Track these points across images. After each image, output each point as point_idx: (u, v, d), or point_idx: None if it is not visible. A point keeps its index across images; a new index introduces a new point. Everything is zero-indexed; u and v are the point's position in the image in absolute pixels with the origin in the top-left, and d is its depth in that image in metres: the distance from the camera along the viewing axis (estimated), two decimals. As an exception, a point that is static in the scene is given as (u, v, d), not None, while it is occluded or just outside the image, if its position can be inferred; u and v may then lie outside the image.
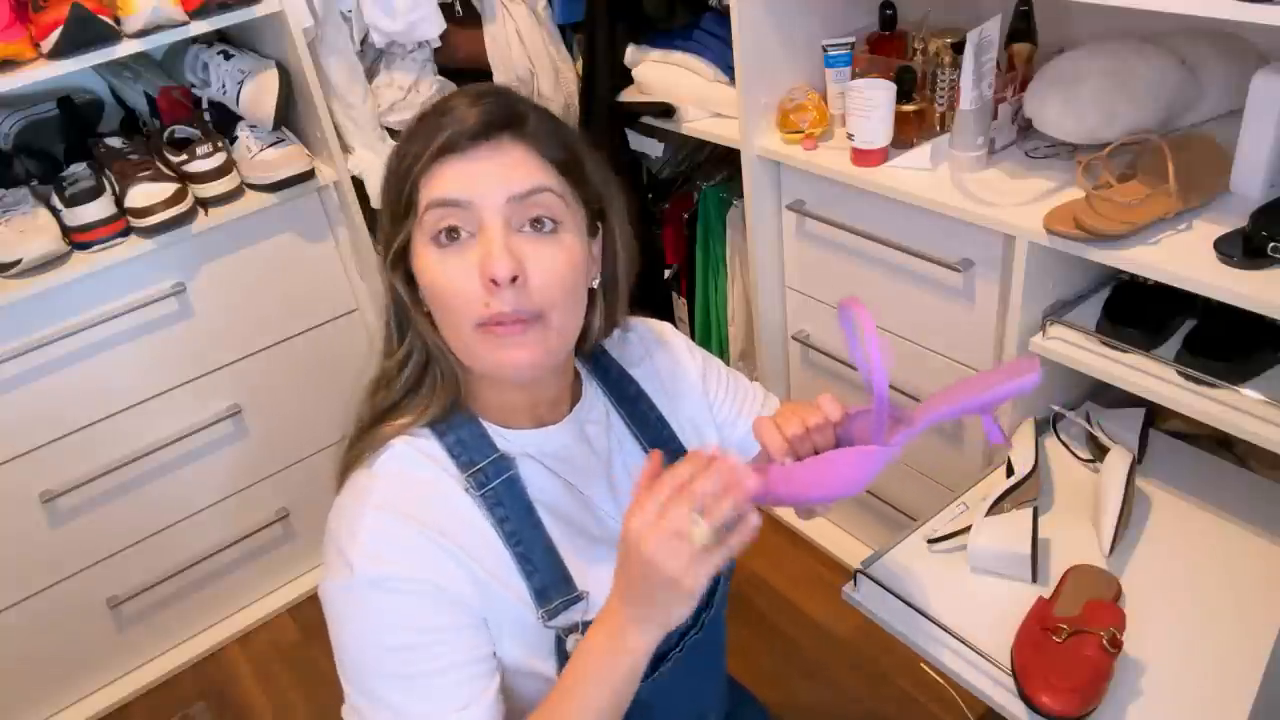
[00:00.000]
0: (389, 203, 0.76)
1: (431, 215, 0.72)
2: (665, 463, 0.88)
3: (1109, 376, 1.22)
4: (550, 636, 0.78)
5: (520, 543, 0.77)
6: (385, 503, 0.75)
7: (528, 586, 0.77)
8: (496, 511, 0.77)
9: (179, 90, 1.81)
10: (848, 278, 1.60)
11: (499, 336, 0.72)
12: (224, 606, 1.99)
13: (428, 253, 0.73)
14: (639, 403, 0.90)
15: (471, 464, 0.78)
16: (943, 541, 1.25)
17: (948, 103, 1.44)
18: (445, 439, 0.78)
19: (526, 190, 0.72)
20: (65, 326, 1.58)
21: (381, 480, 0.76)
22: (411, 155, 0.73)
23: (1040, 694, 0.98)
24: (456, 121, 0.72)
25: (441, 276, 0.72)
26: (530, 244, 0.72)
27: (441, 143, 0.71)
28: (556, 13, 1.97)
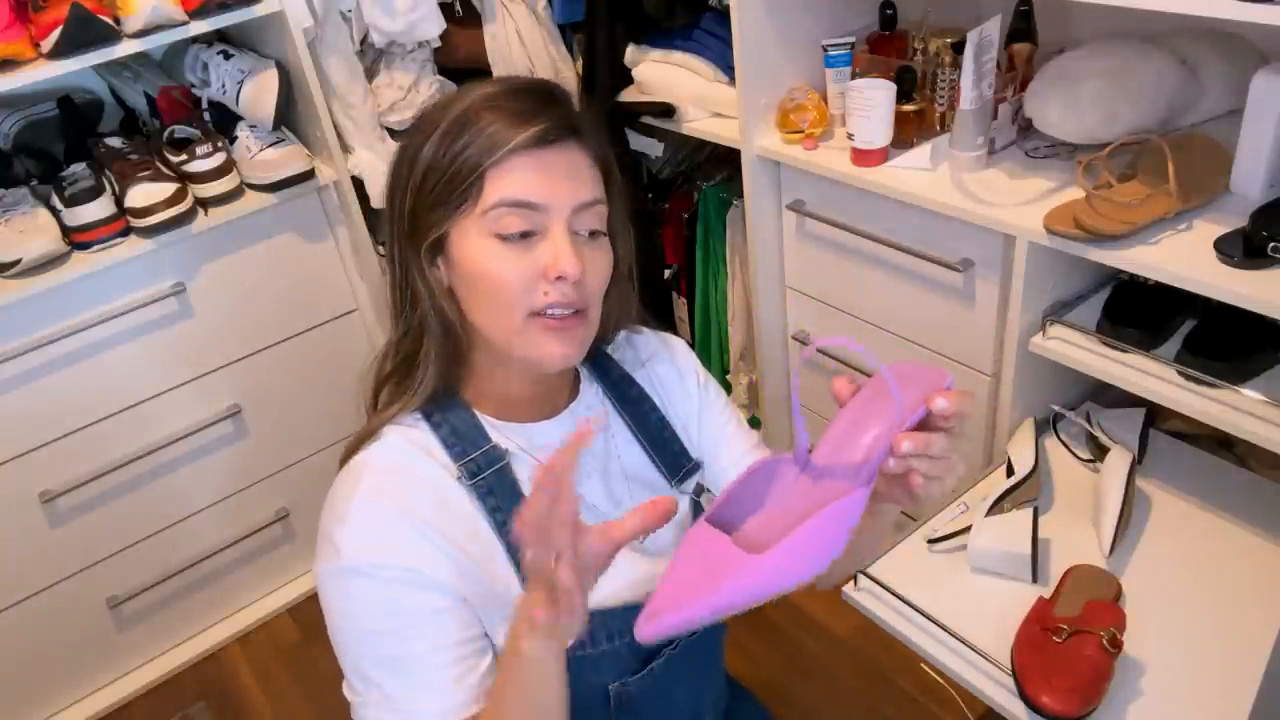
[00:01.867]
0: (434, 187, 0.75)
1: (501, 212, 0.74)
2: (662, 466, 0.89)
3: (1109, 376, 1.22)
4: None
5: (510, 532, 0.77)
6: (373, 491, 0.76)
7: (518, 576, 0.78)
8: (488, 501, 0.78)
9: (179, 90, 1.81)
10: (848, 278, 1.60)
11: (551, 328, 0.76)
12: (224, 606, 1.99)
13: (487, 244, 0.74)
14: (641, 404, 0.91)
15: (464, 454, 0.79)
16: (943, 541, 1.25)
17: (948, 103, 1.44)
18: (440, 430, 0.80)
19: (590, 200, 0.77)
20: (65, 326, 1.58)
21: (371, 469, 0.78)
22: (478, 145, 0.73)
23: (1040, 694, 0.98)
24: (533, 120, 0.74)
25: (503, 269, 0.74)
26: (585, 249, 0.77)
27: (519, 142, 0.73)
28: (556, 13, 1.97)
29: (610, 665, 0.82)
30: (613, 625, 0.81)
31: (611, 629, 0.81)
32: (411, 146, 0.77)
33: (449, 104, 0.77)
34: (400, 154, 0.78)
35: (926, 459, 0.65)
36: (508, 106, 0.74)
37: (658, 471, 0.91)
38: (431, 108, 0.79)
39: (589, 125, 0.79)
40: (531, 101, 0.75)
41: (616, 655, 0.82)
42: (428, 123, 0.77)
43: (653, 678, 0.85)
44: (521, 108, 0.74)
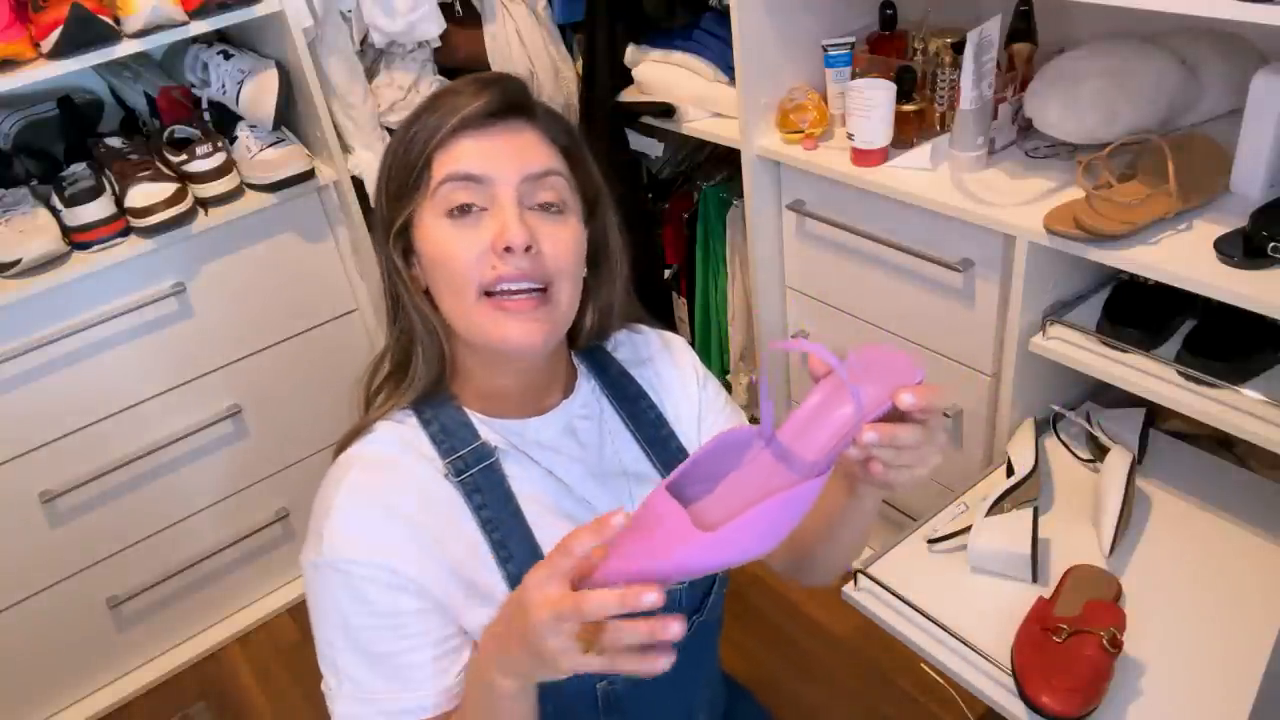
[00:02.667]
0: (393, 179, 0.77)
1: (446, 189, 0.74)
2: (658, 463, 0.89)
3: (1109, 376, 1.22)
4: None
5: (497, 530, 0.78)
6: (359, 485, 0.76)
7: (503, 573, 0.78)
8: (474, 499, 0.78)
9: (179, 90, 1.81)
10: (848, 278, 1.60)
11: (506, 311, 0.74)
12: (224, 606, 1.99)
13: (438, 225, 0.75)
14: (638, 401, 0.91)
15: (452, 451, 0.79)
16: (943, 541, 1.25)
17: (948, 103, 1.44)
18: (430, 427, 0.80)
19: (540, 171, 0.76)
20: (65, 326, 1.58)
21: (360, 463, 0.78)
22: (425, 131, 0.75)
23: (1040, 694, 0.98)
24: (470, 100, 0.75)
25: (451, 245, 0.74)
26: (539, 221, 0.76)
27: (457, 120, 0.74)
28: (556, 13, 1.97)
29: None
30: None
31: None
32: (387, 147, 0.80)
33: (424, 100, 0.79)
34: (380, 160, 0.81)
35: (892, 449, 0.64)
36: (455, 93, 0.76)
37: (654, 469, 0.90)
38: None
39: (543, 108, 0.79)
40: (475, 86, 0.76)
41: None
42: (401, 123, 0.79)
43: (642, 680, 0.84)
44: (465, 93, 0.76)
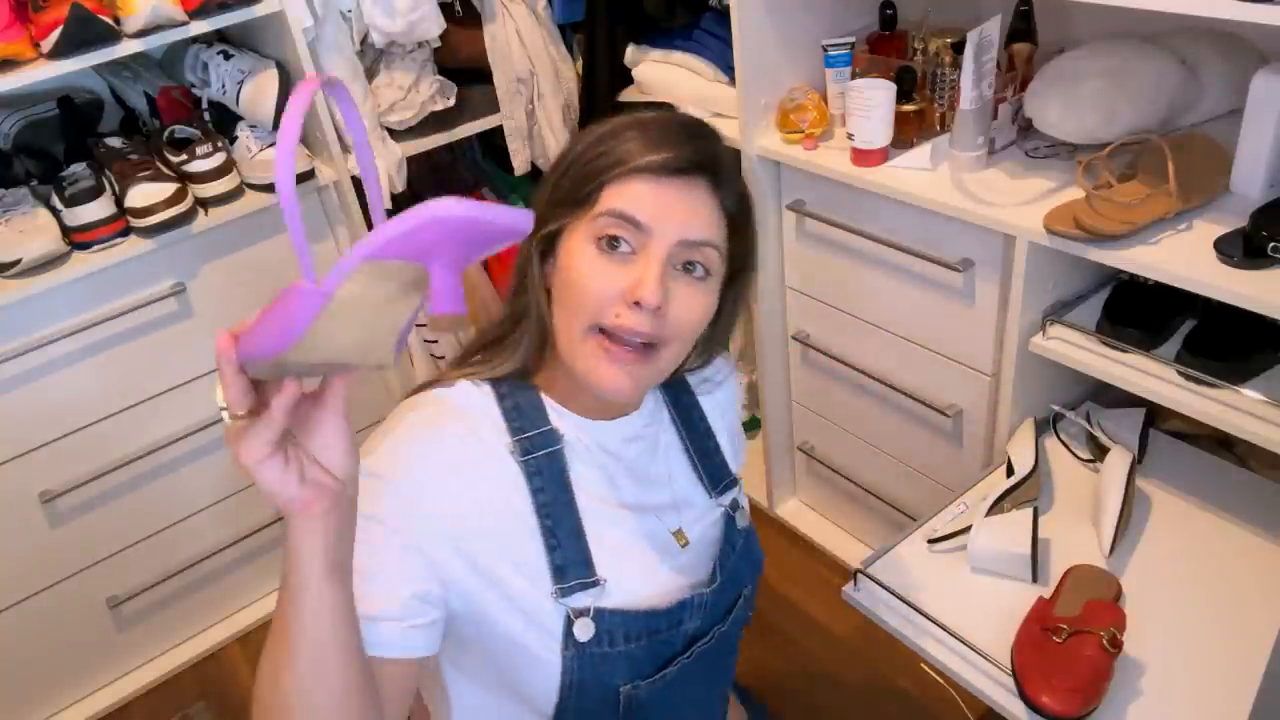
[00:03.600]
0: (561, 186, 0.79)
1: (605, 221, 0.75)
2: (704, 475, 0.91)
3: (1109, 376, 1.22)
4: (560, 616, 0.78)
5: (550, 516, 0.79)
6: (426, 420, 0.78)
7: (548, 560, 0.78)
8: (534, 481, 0.79)
9: (179, 90, 1.81)
10: (848, 278, 1.60)
11: (608, 351, 0.75)
12: (224, 606, 1.99)
13: (585, 249, 0.76)
14: (699, 425, 0.93)
15: (521, 430, 0.80)
16: (943, 541, 1.25)
17: (948, 103, 1.44)
18: (504, 402, 0.81)
19: (698, 240, 0.76)
20: (65, 326, 1.58)
21: (438, 402, 0.79)
22: (609, 158, 0.76)
23: (1040, 694, 0.98)
24: (665, 148, 0.75)
25: (588, 274, 0.75)
26: (679, 284, 0.76)
27: (643, 164, 0.74)
28: (556, 13, 1.97)
29: (625, 667, 0.82)
30: (632, 627, 0.81)
31: (630, 631, 0.81)
32: (569, 146, 0.81)
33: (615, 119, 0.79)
34: (564, 148, 0.82)
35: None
36: (650, 131, 0.76)
37: (699, 481, 0.92)
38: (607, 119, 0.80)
39: (729, 172, 0.79)
40: (674, 133, 0.76)
41: (632, 657, 0.82)
42: (593, 129, 0.80)
43: (664, 683, 0.85)
44: (661, 136, 0.76)
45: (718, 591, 0.88)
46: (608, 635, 0.80)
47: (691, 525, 0.90)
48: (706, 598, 0.87)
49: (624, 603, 0.81)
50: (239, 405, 0.54)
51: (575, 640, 0.78)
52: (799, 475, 2.03)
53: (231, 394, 0.54)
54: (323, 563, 0.58)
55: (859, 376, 1.66)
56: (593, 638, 0.79)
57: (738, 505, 0.94)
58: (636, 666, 0.82)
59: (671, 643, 0.85)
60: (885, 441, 1.72)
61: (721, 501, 0.93)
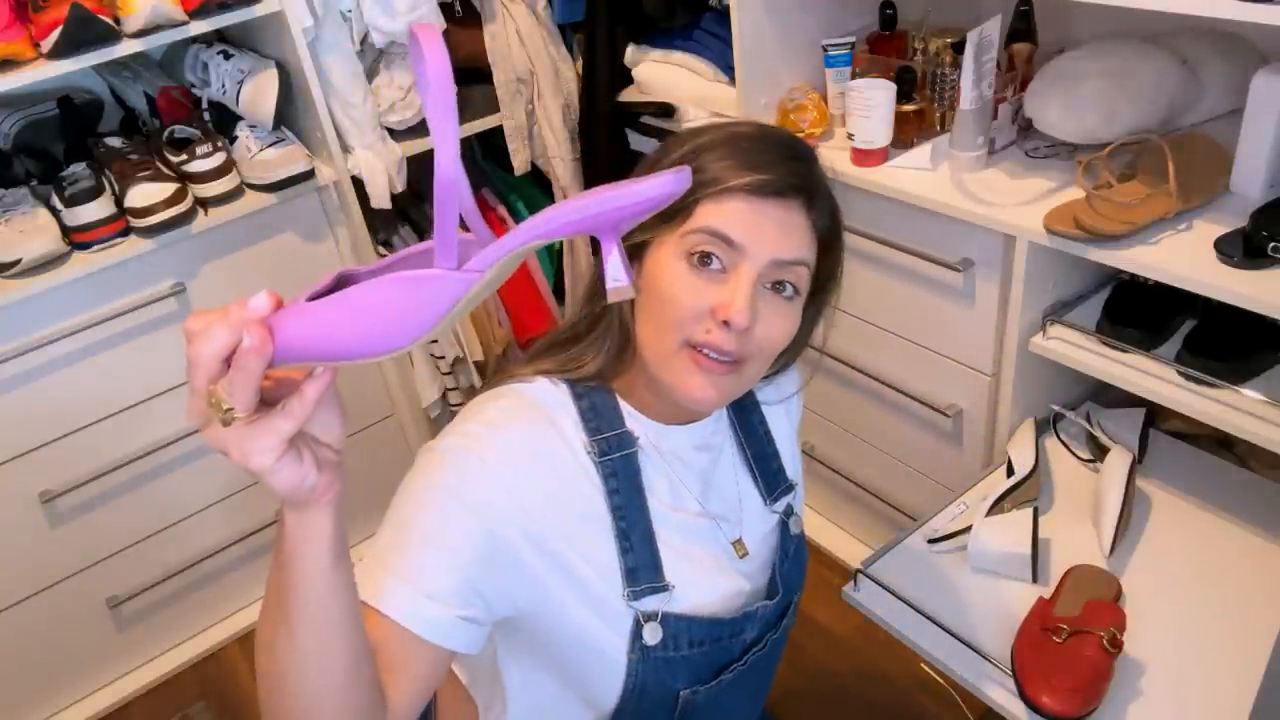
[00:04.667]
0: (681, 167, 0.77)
1: (698, 238, 0.74)
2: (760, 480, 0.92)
3: (1109, 376, 1.22)
4: (629, 617, 0.79)
5: (624, 518, 0.79)
6: (513, 410, 0.78)
7: (620, 562, 0.78)
8: (609, 482, 0.79)
9: (179, 90, 1.81)
10: (847, 277, 1.59)
11: (700, 365, 0.75)
12: (224, 606, 1.99)
13: (676, 263, 0.75)
14: (763, 439, 0.93)
15: (598, 431, 0.80)
16: (943, 541, 1.25)
17: (948, 103, 1.44)
18: (580, 401, 0.81)
19: (792, 259, 0.76)
20: (65, 326, 1.58)
21: (521, 397, 0.79)
22: (705, 173, 0.74)
23: (1040, 694, 0.98)
24: (763, 169, 0.74)
25: (679, 289, 0.74)
26: (768, 303, 0.76)
27: (741, 184, 0.74)
28: (556, 13, 1.97)
29: (686, 672, 0.83)
30: (696, 633, 0.82)
31: (695, 636, 0.82)
32: (660, 153, 0.79)
33: (708, 130, 0.78)
34: (655, 153, 0.80)
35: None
36: (747, 149, 0.75)
37: (755, 487, 0.92)
38: (699, 127, 0.79)
39: (823, 192, 0.79)
40: (772, 153, 0.76)
41: (693, 663, 0.83)
42: (685, 137, 0.78)
43: (720, 688, 0.86)
44: (758, 156, 0.75)
45: (776, 603, 0.90)
46: (673, 640, 0.81)
47: (750, 533, 0.91)
48: (767, 609, 0.88)
49: (689, 609, 0.82)
50: (248, 406, 0.48)
51: (643, 643, 0.79)
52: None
53: (246, 395, 0.47)
54: (332, 549, 0.55)
55: (859, 376, 1.66)
56: (659, 642, 0.80)
57: (792, 512, 0.94)
58: (696, 672, 0.84)
59: (730, 650, 0.86)
60: (885, 442, 1.72)
61: (776, 509, 0.93)
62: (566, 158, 2.02)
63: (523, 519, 0.73)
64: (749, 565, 0.90)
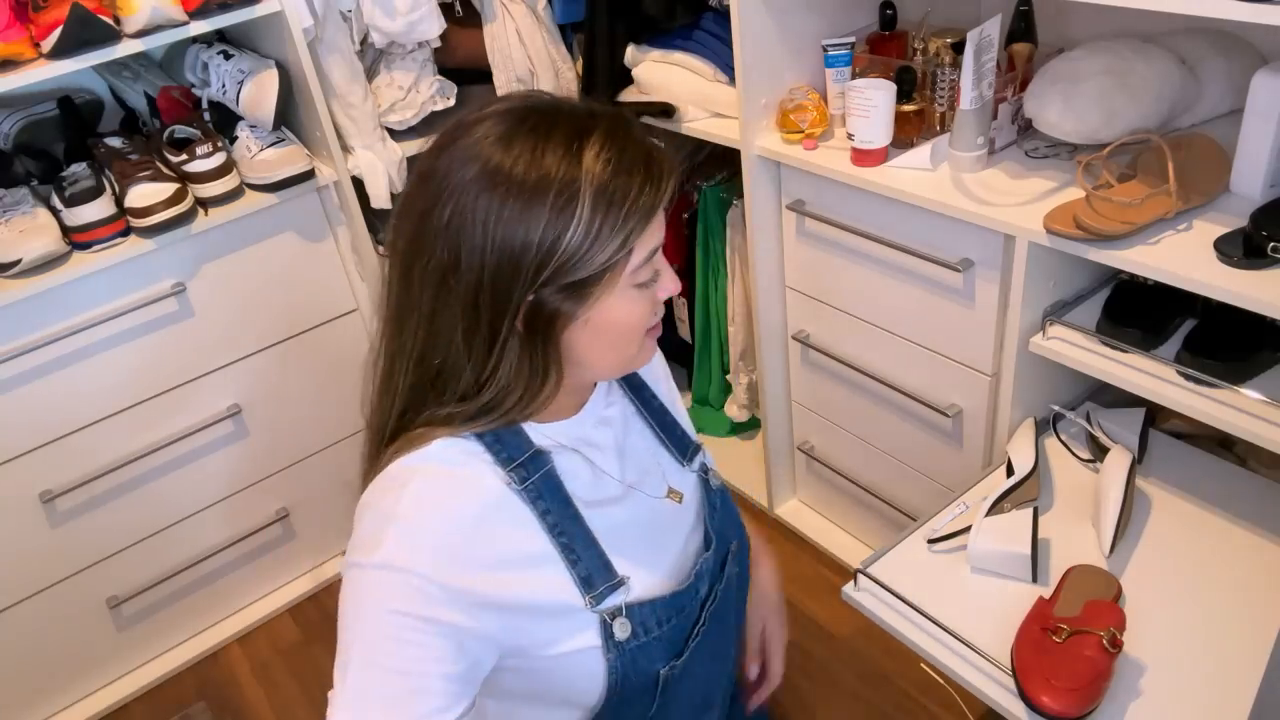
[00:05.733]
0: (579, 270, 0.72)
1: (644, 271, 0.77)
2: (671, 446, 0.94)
3: (1109, 376, 1.22)
4: (597, 622, 0.80)
5: (563, 534, 0.79)
6: (423, 497, 0.75)
7: (572, 575, 0.79)
8: (539, 505, 0.79)
9: (179, 90, 1.81)
10: (848, 278, 1.60)
11: (652, 334, 0.83)
12: (224, 606, 1.99)
13: (627, 294, 0.76)
14: (643, 390, 0.96)
15: (511, 460, 0.79)
16: (943, 541, 1.25)
17: (948, 103, 1.44)
18: (483, 437, 0.79)
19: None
20: (65, 326, 1.58)
21: (422, 474, 0.77)
22: (632, 218, 0.73)
23: (1040, 694, 0.99)
24: (661, 179, 0.75)
25: (639, 310, 0.78)
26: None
27: (657, 201, 0.75)
28: (556, 13, 1.97)
29: (662, 650, 0.84)
30: (662, 612, 0.84)
31: (661, 615, 0.84)
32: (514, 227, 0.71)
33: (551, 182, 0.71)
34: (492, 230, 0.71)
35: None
36: (656, 168, 0.75)
37: (669, 453, 0.94)
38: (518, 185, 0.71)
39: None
40: (669, 166, 0.76)
41: (665, 640, 0.84)
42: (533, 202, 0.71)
43: (690, 655, 0.87)
44: (649, 169, 0.75)
45: (714, 553, 0.92)
46: (642, 627, 0.82)
47: (678, 486, 0.93)
48: (708, 560, 0.90)
49: (646, 592, 0.84)
50: None
51: (615, 641, 0.80)
52: (799, 475, 2.03)
53: None
54: None
55: (859, 376, 1.66)
56: (630, 634, 0.81)
57: (707, 469, 0.97)
58: (671, 646, 0.85)
59: (692, 615, 0.88)
60: (885, 441, 1.72)
61: (693, 468, 0.96)
62: (566, 158, 2.02)
63: (478, 600, 0.74)
64: (686, 514, 0.92)
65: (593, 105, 0.77)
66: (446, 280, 0.74)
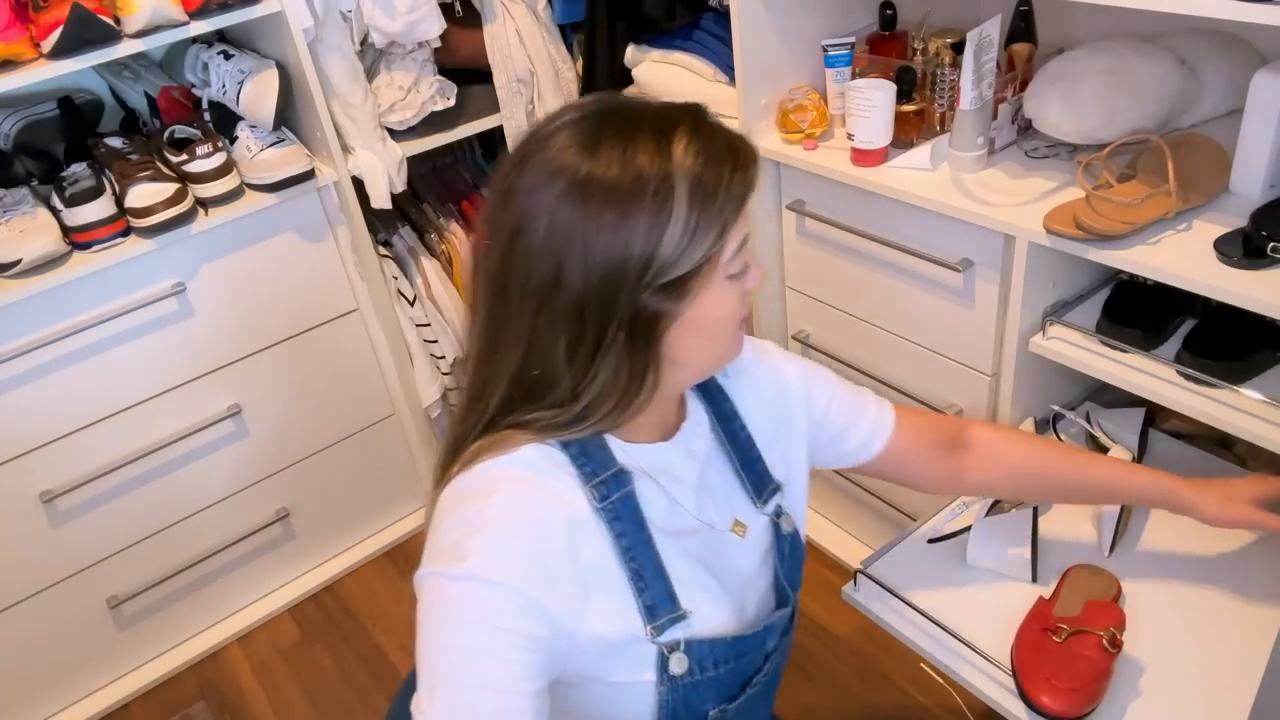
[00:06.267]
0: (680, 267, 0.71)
1: (736, 262, 0.75)
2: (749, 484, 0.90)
3: (1109, 376, 1.22)
4: (654, 653, 0.78)
5: (635, 559, 0.77)
6: (510, 506, 0.74)
7: (638, 603, 0.77)
8: (615, 526, 0.77)
9: (179, 90, 1.82)
10: (848, 278, 1.60)
11: (742, 330, 0.81)
12: (224, 606, 1.99)
13: (724, 286, 0.75)
14: (732, 421, 0.91)
15: (594, 475, 0.77)
16: (943, 541, 1.25)
17: (948, 103, 1.44)
18: (569, 448, 0.77)
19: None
20: (65, 326, 1.58)
21: (509, 479, 0.75)
22: (726, 210, 0.72)
23: (1040, 694, 0.98)
24: (749, 165, 0.75)
25: (735, 302, 0.77)
26: None
27: (748, 191, 0.74)
28: (556, 13, 1.97)
29: (714, 692, 0.83)
30: (720, 654, 0.82)
31: (719, 656, 0.82)
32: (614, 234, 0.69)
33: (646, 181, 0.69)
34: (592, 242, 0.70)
35: None
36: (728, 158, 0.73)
37: (744, 491, 0.91)
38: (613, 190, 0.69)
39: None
40: (750, 155, 0.75)
41: (720, 682, 0.83)
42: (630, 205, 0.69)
43: (746, 703, 0.86)
44: (746, 163, 0.74)
45: (788, 610, 0.91)
46: (699, 665, 0.80)
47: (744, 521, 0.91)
48: (783, 617, 0.89)
49: (708, 630, 0.82)
50: None
51: (670, 675, 0.79)
52: (799, 475, 2.03)
53: None
54: None
55: (859, 377, 1.66)
56: (686, 669, 0.79)
57: (781, 511, 0.93)
58: (724, 690, 0.84)
59: (754, 662, 0.87)
60: (885, 441, 1.71)
61: (766, 510, 0.92)
62: (566, 158, 2.02)
63: (554, 616, 0.72)
64: (750, 554, 0.90)
65: (665, 102, 0.76)
66: (548, 297, 0.72)
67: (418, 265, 2.02)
